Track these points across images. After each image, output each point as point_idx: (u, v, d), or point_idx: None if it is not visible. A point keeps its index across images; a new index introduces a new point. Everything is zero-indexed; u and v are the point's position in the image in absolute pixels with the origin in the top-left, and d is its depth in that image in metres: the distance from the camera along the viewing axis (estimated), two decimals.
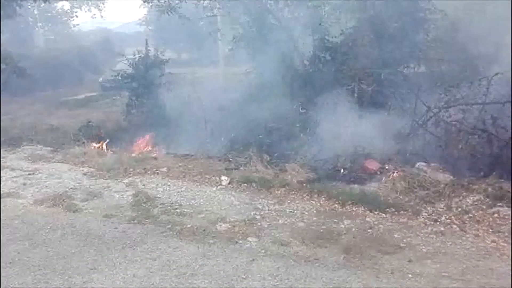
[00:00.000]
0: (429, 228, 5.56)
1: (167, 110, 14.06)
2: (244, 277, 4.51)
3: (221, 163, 8.59)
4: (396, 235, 5.42)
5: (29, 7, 29.82)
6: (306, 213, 6.16)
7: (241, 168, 8.14)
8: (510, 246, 5.01)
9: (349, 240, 5.31)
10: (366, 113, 9.30)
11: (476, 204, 5.94)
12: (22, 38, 29.67)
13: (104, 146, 10.51)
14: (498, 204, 5.85)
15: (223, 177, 7.56)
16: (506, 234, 5.26)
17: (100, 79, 23.47)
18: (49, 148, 10.55)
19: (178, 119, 12.83)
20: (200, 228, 5.68)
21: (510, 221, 5.51)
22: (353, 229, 5.61)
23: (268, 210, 6.31)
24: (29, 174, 8.20)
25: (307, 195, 6.78)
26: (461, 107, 7.95)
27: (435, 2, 15.29)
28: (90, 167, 8.56)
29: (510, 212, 5.65)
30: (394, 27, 14.46)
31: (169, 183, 7.52)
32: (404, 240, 5.29)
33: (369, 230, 5.57)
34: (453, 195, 6.23)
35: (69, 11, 37.62)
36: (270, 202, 6.62)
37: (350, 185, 6.98)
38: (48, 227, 5.79)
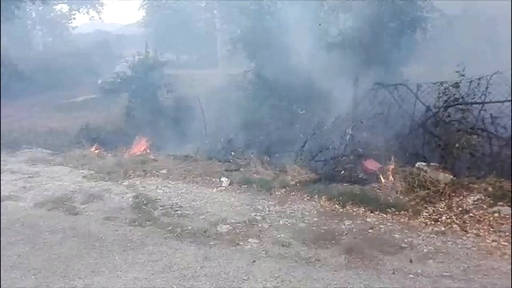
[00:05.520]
0: (430, 228, 5.56)
1: (166, 111, 14.08)
2: (246, 278, 4.50)
3: (221, 165, 8.58)
4: (397, 235, 5.42)
5: (28, 10, 29.84)
6: (307, 214, 6.16)
7: (241, 169, 8.14)
8: (511, 245, 5.01)
9: (350, 241, 5.31)
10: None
11: (476, 204, 5.94)
12: (21, 41, 29.70)
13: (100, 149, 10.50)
14: (499, 203, 5.83)
15: (223, 179, 7.56)
16: (507, 233, 5.25)
17: (99, 82, 23.46)
18: (48, 151, 10.56)
19: (178, 120, 12.85)
20: (200, 230, 5.67)
21: (511, 220, 5.51)
22: (354, 230, 5.61)
23: (269, 211, 6.31)
24: (29, 177, 8.19)
25: (307, 196, 6.78)
26: (460, 107, 7.96)
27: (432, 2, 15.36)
28: (90, 170, 8.56)
29: (510, 211, 5.64)
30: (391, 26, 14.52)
31: (169, 185, 7.52)
32: (405, 240, 5.29)
33: (370, 231, 5.57)
34: (453, 194, 6.23)
35: (67, 13, 37.67)
36: (270, 203, 6.62)
37: (351, 186, 6.97)
38: (49, 230, 5.78)
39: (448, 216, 5.76)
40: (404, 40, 15.62)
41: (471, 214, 5.74)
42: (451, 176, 6.65)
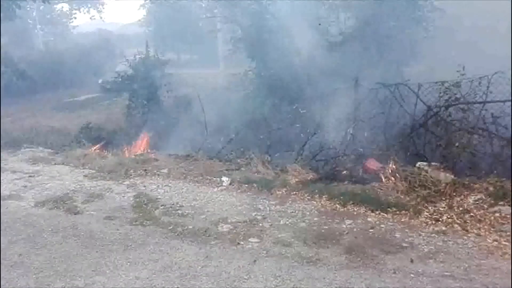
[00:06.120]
0: (431, 228, 5.55)
1: (167, 111, 14.08)
2: (246, 278, 4.50)
3: (222, 164, 8.59)
4: (397, 235, 5.42)
5: (28, 9, 29.87)
6: (308, 213, 6.16)
7: (242, 169, 8.15)
8: (511, 245, 5.01)
9: (351, 240, 5.31)
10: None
11: (477, 203, 5.93)
12: (22, 41, 29.71)
13: (101, 148, 10.51)
14: (500, 203, 5.83)
15: (224, 178, 7.56)
16: (508, 233, 5.24)
17: (100, 81, 23.51)
18: (49, 150, 10.57)
19: (179, 120, 12.85)
20: (201, 229, 5.68)
21: (511, 220, 5.50)
22: (355, 229, 5.61)
23: (270, 210, 6.31)
24: (30, 176, 8.20)
25: (308, 195, 6.77)
26: (461, 106, 7.95)
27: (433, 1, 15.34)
28: (91, 169, 8.57)
29: (511, 211, 5.64)
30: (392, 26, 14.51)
31: (170, 184, 7.53)
32: (406, 239, 5.29)
33: (370, 230, 5.57)
34: (454, 194, 6.22)
35: (68, 13, 37.70)
36: (271, 202, 6.62)
37: (352, 185, 6.96)
38: (50, 229, 5.79)
39: (449, 216, 5.75)
40: (405, 39, 15.61)
41: (472, 214, 5.73)
42: (452, 176, 6.64)
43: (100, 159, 9.18)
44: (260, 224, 5.84)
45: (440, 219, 5.71)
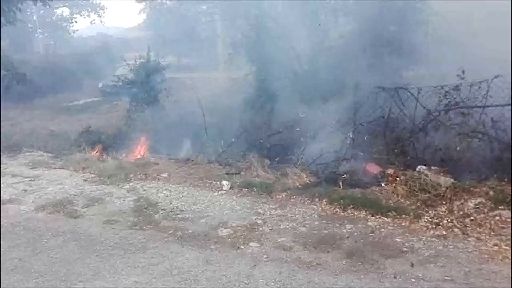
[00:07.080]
0: (431, 232, 5.55)
1: (167, 114, 14.06)
2: (247, 282, 4.50)
3: (222, 168, 8.60)
4: (398, 239, 5.41)
5: (29, 13, 29.92)
6: (308, 217, 6.16)
7: (242, 172, 8.16)
8: (511, 249, 5.01)
9: (351, 245, 5.30)
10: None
11: (477, 207, 5.93)
12: (22, 44, 29.75)
13: (101, 152, 10.50)
14: (500, 207, 5.83)
15: (224, 182, 7.57)
16: (508, 237, 5.25)
17: (100, 85, 23.52)
18: (50, 154, 10.58)
19: (179, 124, 12.83)
20: (201, 234, 5.68)
21: (511, 224, 5.50)
22: (355, 233, 5.60)
23: (270, 214, 6.31)
24: (30, 180, 8.21)
25: (308, 199, 6.78)
26: (461, 110, 7.96)
27: (431, 3, 15.37)
28: (91, 173, 8.58)
29: (511, 215, 5.64)
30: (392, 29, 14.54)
31: (170, 188, 7.53)
32: (406, 244, 5.28)
33: (371, 234, 5.57)
34: (454, 198, 6.23)
35: (68, 17, 37.78)
36: (271, 206, 6.62)
37: (352, 189, 6.97)
38: (50, 234, 5.79)
39: (449, 220, 5.75)
40: (405, 43, 15.63)
41: (472, 218, 5.74)
42: (452, 180, 6.65)
43: (100, 163, 9.19)
44: (260, 228, 5.84)
45: (441, 223, 5.71)
